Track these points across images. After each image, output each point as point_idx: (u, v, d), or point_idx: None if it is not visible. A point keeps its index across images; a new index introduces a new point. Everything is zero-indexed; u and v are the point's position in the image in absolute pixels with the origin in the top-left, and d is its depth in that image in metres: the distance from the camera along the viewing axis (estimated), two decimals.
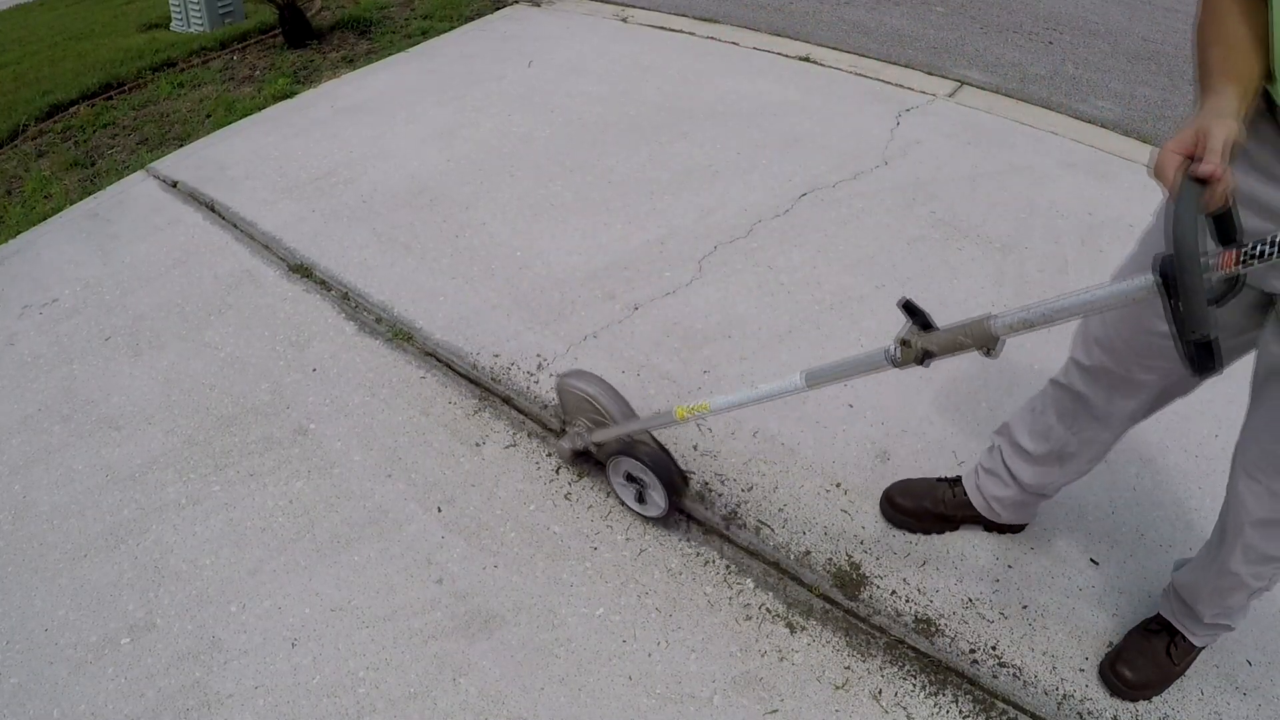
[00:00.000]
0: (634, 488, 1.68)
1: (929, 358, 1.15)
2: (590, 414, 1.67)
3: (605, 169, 2.92)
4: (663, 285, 2.39)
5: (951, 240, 2.57)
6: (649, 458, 1.59)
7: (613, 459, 1.67)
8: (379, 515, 1.77)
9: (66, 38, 4.89)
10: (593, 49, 3.90)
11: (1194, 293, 0.83)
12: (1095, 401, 1.35)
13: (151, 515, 1.80)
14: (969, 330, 1.09)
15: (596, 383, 1.65)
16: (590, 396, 1.64)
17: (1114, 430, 1.39)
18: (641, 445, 1.62)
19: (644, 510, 1.72)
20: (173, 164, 3.09)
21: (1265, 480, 1.16)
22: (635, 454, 1.59)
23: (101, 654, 1.55)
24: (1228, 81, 0.92)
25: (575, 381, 1.67)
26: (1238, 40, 0.94)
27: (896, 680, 1.49)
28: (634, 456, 1.60)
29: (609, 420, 1.64)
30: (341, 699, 1.46)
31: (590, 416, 1.68)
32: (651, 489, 1.64)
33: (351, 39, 4.24)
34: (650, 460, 1.58)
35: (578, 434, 1.72)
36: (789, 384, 1.33)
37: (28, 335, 2.32)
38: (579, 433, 1.71)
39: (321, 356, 2.18)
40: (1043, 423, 1.45)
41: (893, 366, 1.19)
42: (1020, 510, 1.63)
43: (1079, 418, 1.39)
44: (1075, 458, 1.44)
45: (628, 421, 1.62)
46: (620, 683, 1.48)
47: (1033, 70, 3.87)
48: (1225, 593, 1.31)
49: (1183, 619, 1.43)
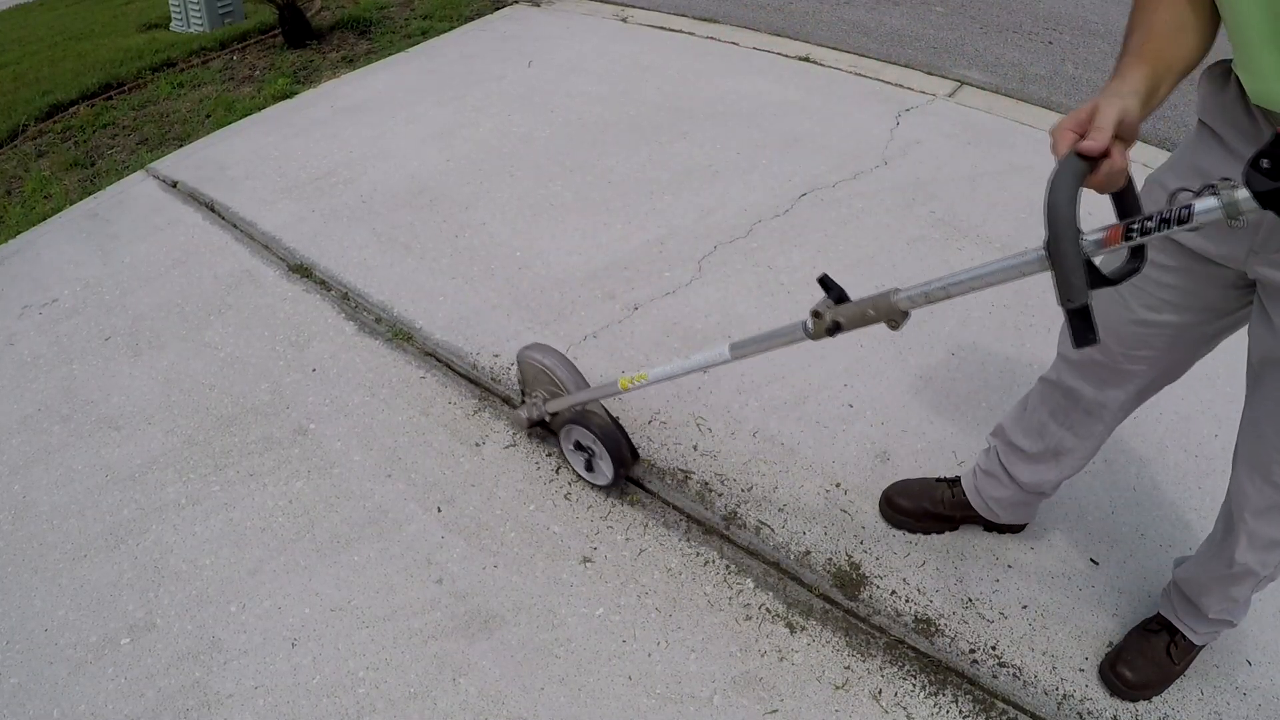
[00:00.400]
0: (583, 456, 1.75)
1: (838, 329, 1.22)
2: (547, 385, 1.75)
3: (605, 169, 2.92)
4: (662, 285, 2.39)
5: (951, 240, 2.57)
6: (599, 428, 1.66)
7: (564, 427, 1.74)
8: (379, 515, 1.77)
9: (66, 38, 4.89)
10: (593, 49, 3.90)
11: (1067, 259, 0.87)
12: (1085, 395, 1.35)
13: (151, 515, 1.80)
14: (875, 304, 1.16)
15: (553, 355, 1.73)
16: (547, 368, 1.72)
17: (1107, 422, 1.39)
18: (593, 416, 1.69)
19: (592, 478, 1.78)
20: (173, 164, 3.09)
21: (1263, 470, 1.16)
22: (586, 424, 1.67)
23: (101, 654, 1.55)
24: (1138, 63, 0.93)
25: (534, 354, 1.74)
26: (1159, 25, 0.95)
27: (896, 680, 1.49)
28: (584, 426, 1.67)
29: (563, 391, 1.71)
30: (341, 699, 1.46)
31: (547, 387, 1.76)
32: (599, 458, 1.71)
33: (351, 39, 4.24)
34: (599, 430, 1.66)
35: (534, 404, 1.79)
36: (716, 354, 1.41)
37: (27, 335, 2.31)
38: (535, 403, 1.79)
39: (321, 356, 2.18)
40: (1035, 420, 1.45)
41: (807, 338, 1.26)
42: (1019, 510, 1.63)
43: (1071, 413, 1.39)
44: (1071, 453, 1.44)
45: (579, 392, 1.68)
46: (620, 683, 1.48)
47: (1033, 70, 3.87)
48: (1232, 583, 1.31)
49: (1185, 617, 1.43)
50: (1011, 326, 2.28)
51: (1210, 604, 1.36)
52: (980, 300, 2.35)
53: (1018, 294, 2.39)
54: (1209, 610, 1.37)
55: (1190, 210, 0.85)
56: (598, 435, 1.66)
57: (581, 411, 1.69)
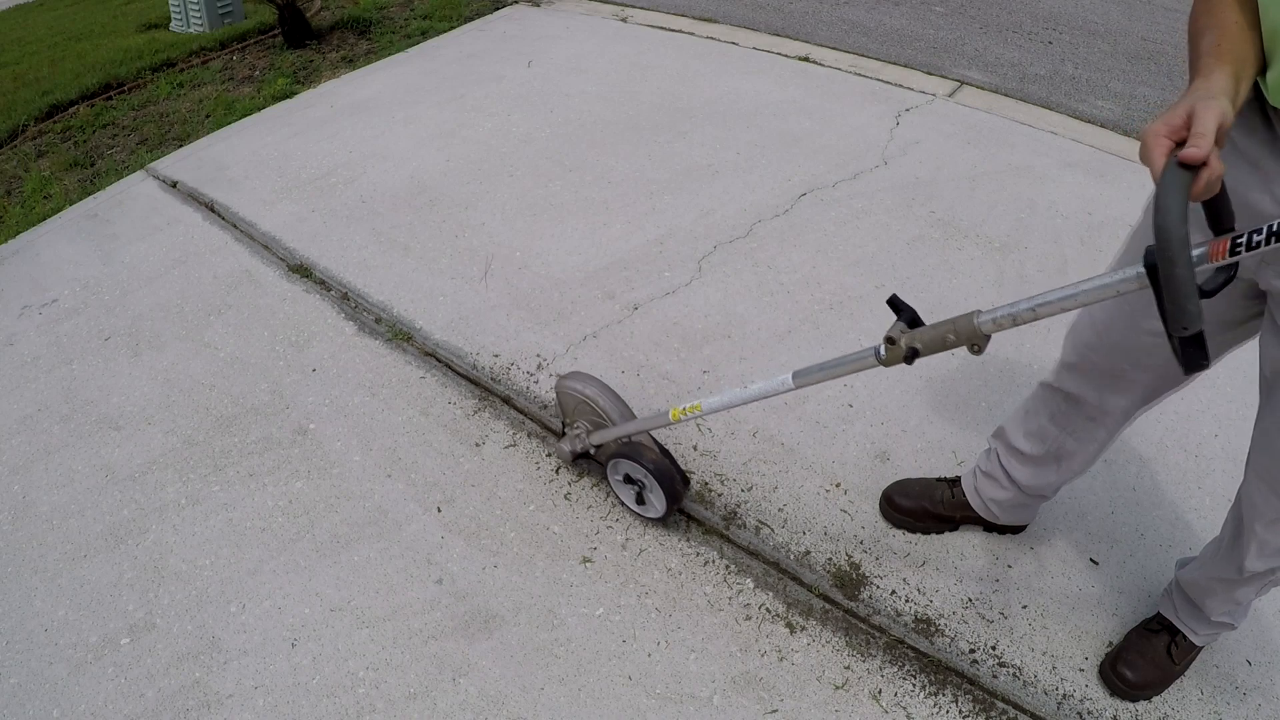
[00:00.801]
0: (633, 489, 1.69)
1: (915, 355, 1.13)
2: (589, 416, 1.68)
3: (604, 169, 2.92)
4: (662, 285, 2.39)
5: (951, 240, 2.57)
6: (651, 462, 1.58)
7: (612, 460, 1.66)
8: (379, 515, 1.77)
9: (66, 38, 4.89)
10: (592, 49, 3.90)
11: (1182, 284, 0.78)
12: (1088, 401, 1.34)
13: (151, 515, 1.80)
14: (956, 327, 1.08)
15: (595, 384, 1.66)
16: (589, 399, 1.65)
17: (1109, 428, 1.39)
18: (644, 449, 1.61)
19: (643, 511, 1.72)
20: (172, 164, 3.09)
21: (1273, 483, 1.15)
22: (636, 457, 1.59)
23: (101, 654, 1.55)
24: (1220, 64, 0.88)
25: (574, 384, 1.67)
26: (1231, 25, 0.91)
27: (896, 680, 1.49)
28: (634, 460, 1.59)
29: (608, 422, 1.64)
30: (341, 699, 1.46)
31: (589, 418, 1.69)
32: (650, 491, 1.64)
33: (351, 39, 4.24)
34: (652, 465, 1.58)
35: (577, 436, 1.71)
36: (778, 383, 1.33)
37: (27, 335, 2.31)
38: (579, 435, 1.71)
39: (321, 356, 2.17)
40: (1036, 424, 1.45)
41: (880, 365, 1.18)
42: (1019, 512, 1.63)
43: (1072, 418, 1.39)
44: (1072, 457, 1.44)
45: (625, 423, 1.62)
46: (620, 683, 1.48)
47: (1032, 70, 3.87)
48: (1238, 587, 1.31)
49: (1186, 618, 1.43)
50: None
51: (1214, 607, 1.36)
52: (981, 300, 2.35)
53: (1018, 293, 2.39)
54: (1212, 613, 1.37)
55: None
56: (649, 470, 1.57)
57: (631, 443, 1.61)
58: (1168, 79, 4.00)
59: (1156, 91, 3.84)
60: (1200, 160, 0.78)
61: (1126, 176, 3.05)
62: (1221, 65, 0.88)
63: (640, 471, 1.60)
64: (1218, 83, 0.85)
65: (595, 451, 1.73)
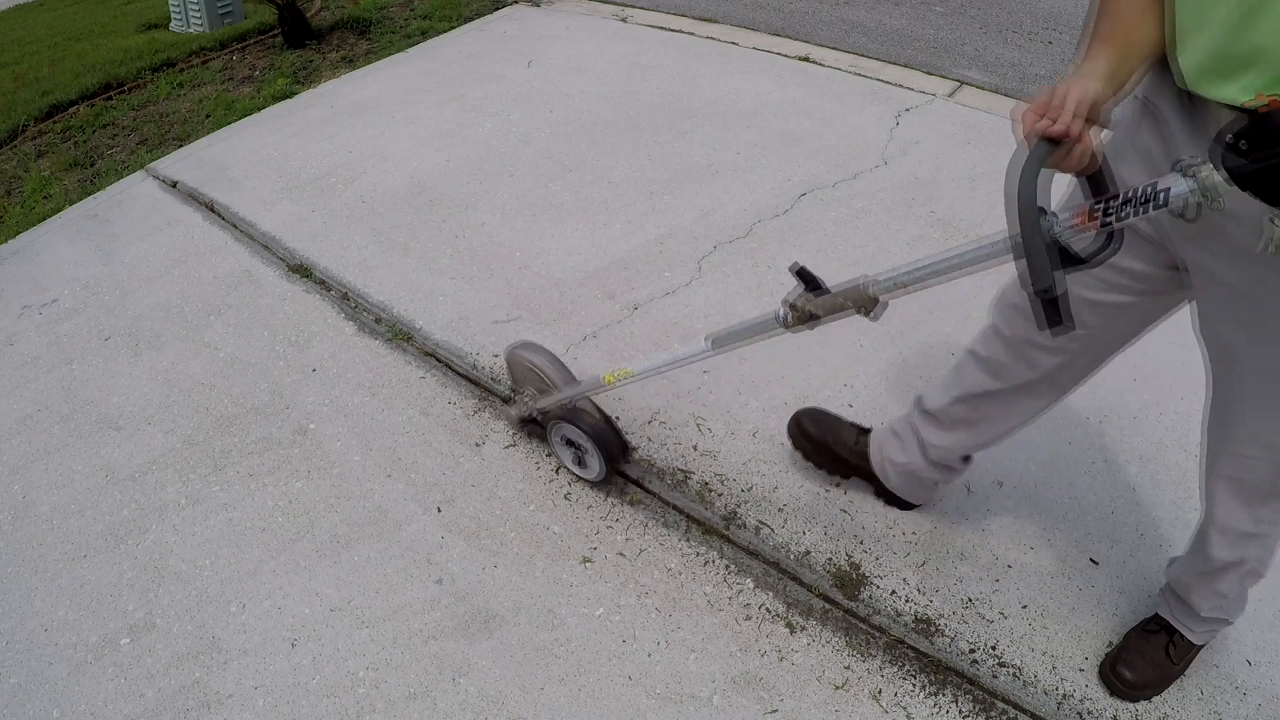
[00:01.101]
0: (572, 451, 1.77)
1: (814, 319, 1.22)
2: (536, 383, 1.78)
3: (604, 169, 2.92)
4: (662, 285, 2.39)
5: (951, 240, 2.57)
6: (589, 426, 1.67)
7: (553, 424, 1.75)
8: (379, 515, 1.77)
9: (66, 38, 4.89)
10: (592, 49, 3.90)
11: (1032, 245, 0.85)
12: (1012, 371, 1.34)
13: (151, 515, 1.80)
14: (849, 293, 1.17)
15: (543, 353, 1.76)
16: (536, 366, 1.74)
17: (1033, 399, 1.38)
18: (584, 414, 1.70)
19: (583, 474, 1.79)
20: (172, 164, 3.09)
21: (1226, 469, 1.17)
22: (575, 420, 1.69)
23: (101, 654, 1.55)
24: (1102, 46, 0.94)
25: (523, 352, 1.77)
26: (1123, 10, 0.95)
27: (896, 680, 1.49)
28: (573, 423, 1.69)
29: (552, 388, 1.74)
30: (341, 699, 1.46)
31: (536, 385, 1.78)
32: (589, 454, 1.72)
33: (351, 39, 4.24)
34: (589, 428, 1.67)
35: (525, 402, 1.81)
36: (697, 348, 1.43)
37: (27, 335, 2.31)
38: (526, 400, 1.81)
39: (321, 356, 2.17)
40: (956, 390, 1.44)
41: (784, 329, 1.26)
42: (912, 484, 1.63)
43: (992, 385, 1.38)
44: (986, 423, 1.44)
45: (567, 388, 1.71)
46: (620, 683, 1.48)
47: (1033, 70, 3.87)
48: (1214, 579, 1.32)
49: (1181, 616, 1.43)
50: None
51: (1200, 602, 1.37)
52: (980, 300, 2.34)
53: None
54: (1200, 609, 1.37)
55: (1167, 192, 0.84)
56: (586, 431, 1.67)
57: (572, 408, 1.71)
58: None
59: None
60: (1057, 134, 0.86)
61: None
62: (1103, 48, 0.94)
63: (578, 434, 1.69)
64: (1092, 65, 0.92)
65: (541, 416, 1.81)
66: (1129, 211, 0.87)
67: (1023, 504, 1.80)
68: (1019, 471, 1.87)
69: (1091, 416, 2.02)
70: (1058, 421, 2.00)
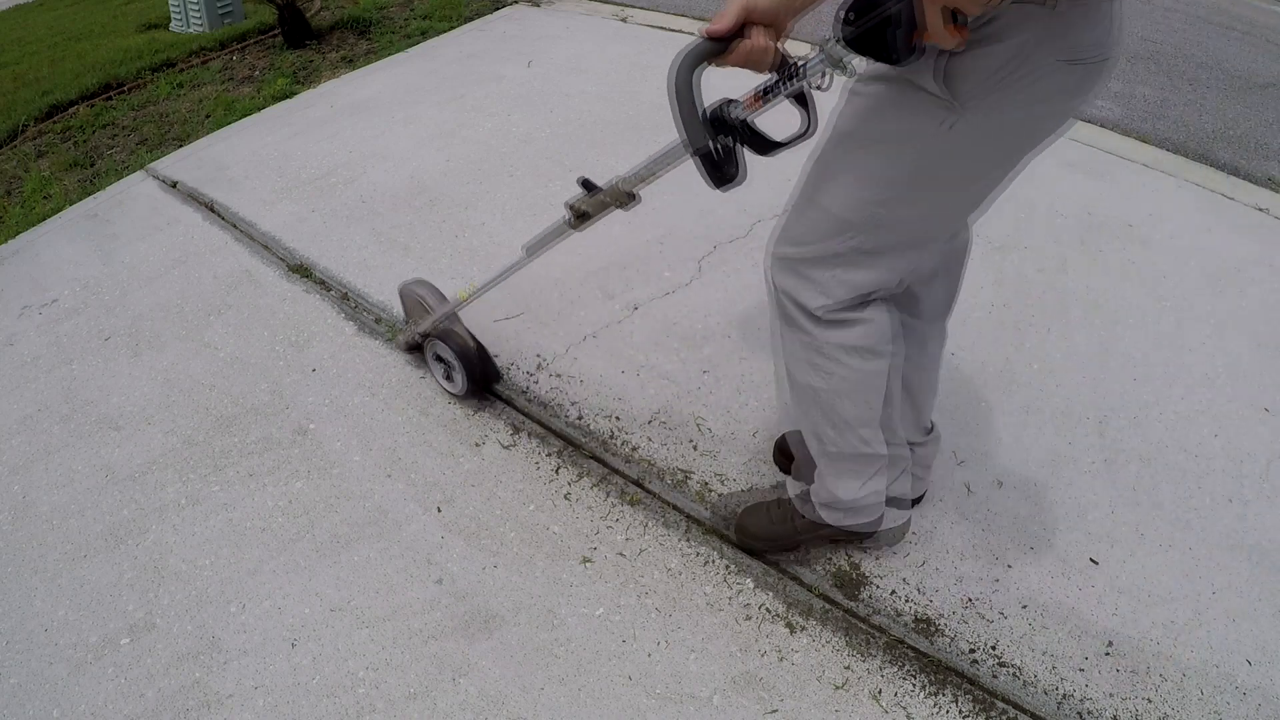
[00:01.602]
0: (442, 367, 2.00)
1: (585, 217, 1.50)
2: (421, 313, 2.00)
3: (605, 169, 2.91)
4: (662, 285, 2.39)
5: None
6: (456, 345, 1.90)
7: (428, 341, 1.99)
8: (379, 515, 1.77)
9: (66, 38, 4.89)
10: (592, 49, 3.90)
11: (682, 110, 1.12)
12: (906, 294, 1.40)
13: (151, 515, 1.80)
14: (609, 191, 1.49)
15: (426, 286, 2.00)
16: (421, 297, 1.97)
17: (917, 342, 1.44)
18: (454, 335, 1.92)
19: (450, 388, 2.02)
20: (172, 164, 3.09)
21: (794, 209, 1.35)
22: (445, 339, 1.92)
23: (101, 654, 1.55)
24: None
25: (412, 286, 2.01)
26: None
27: (896, 680, 1.49)
28: (444, 341, 1.92)
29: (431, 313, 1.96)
30: (341, 699, 1.46)
31: (421, 315, 2.00)
32: (456, 371, 1.95)
33: (351, 39, 4.24)
34: (456, 347, 1.90)
35: (410, 330, 2.04)
36: (515, 260, 1.71)
37: (27, 335, 2.31)
38: (411, 329, 2.03)
39: (321, 356, 2.17)
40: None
41: (571, 229, 1.53)
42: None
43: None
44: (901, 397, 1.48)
45: (438, 310, 1.93)
46: (620, 683, 1.48)
47: None
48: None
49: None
50: (1011, 326, 2.28)
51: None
52: (980, 300, 2.35)
53: (1017, 293, 2.39)
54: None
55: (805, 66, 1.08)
56: (452, 348, 1.90)
57: (445, 330, 1.92)
58: (1168, 79, 4.00)
59: (1156, 91, 3.84)
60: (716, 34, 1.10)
61: (1126, 176, 3.05)
62: None
63: (446, 351, 1.93)
64: None
65: (423, 340, 2.02)
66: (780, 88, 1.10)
67: (1023, 504, 1.80)
68: (1019, 471, 1.87)
69: (1091, 416, 2.02)
70: (1058, 421, 2.00)
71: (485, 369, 1.96)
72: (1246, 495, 1.84)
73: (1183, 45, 4.57)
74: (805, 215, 1.31)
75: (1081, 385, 2.11)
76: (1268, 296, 2.47)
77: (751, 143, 1.16)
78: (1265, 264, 2.62)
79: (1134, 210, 2.82)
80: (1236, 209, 2.94)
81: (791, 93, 1.10)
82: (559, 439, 1.94)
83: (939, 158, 1.12)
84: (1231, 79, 4.15)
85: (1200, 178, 3.11)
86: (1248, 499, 1.84)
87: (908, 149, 1.13)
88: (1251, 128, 3.64)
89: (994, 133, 1.09)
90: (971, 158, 1.13)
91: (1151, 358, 2.20)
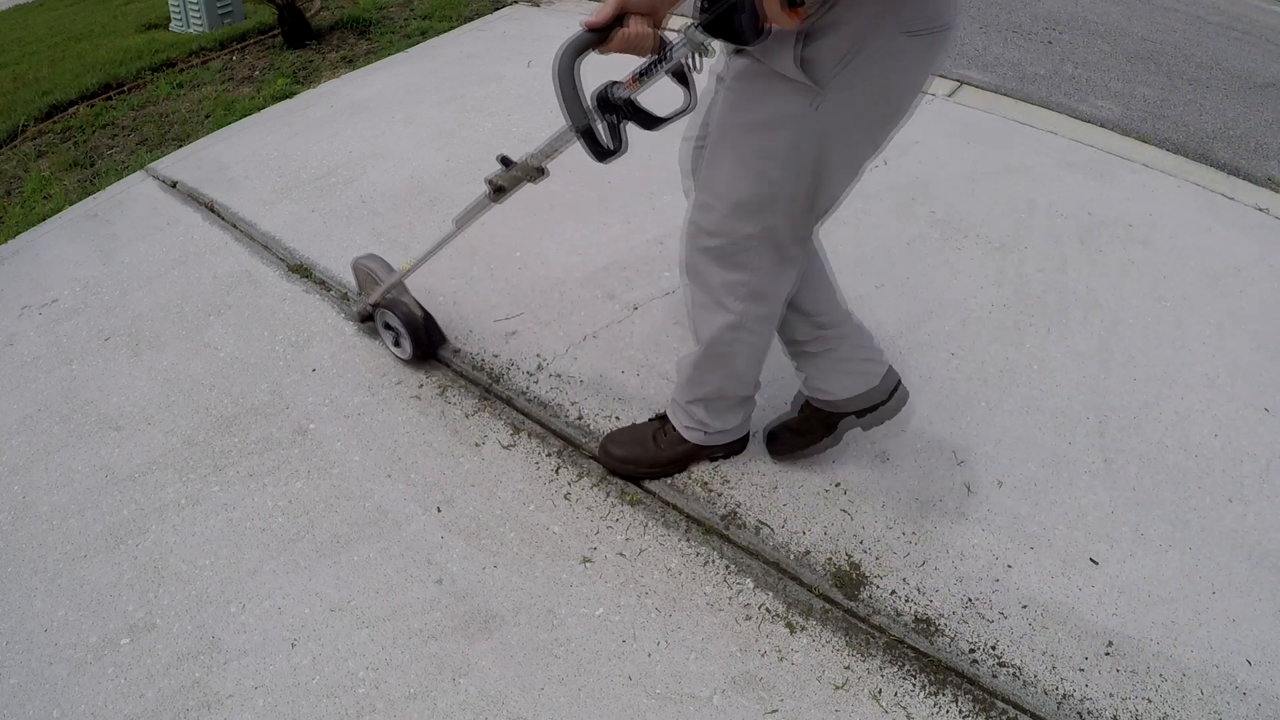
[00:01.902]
0: (391, 334, 2.10)
1: (500, 191, 1.63)
2: (372, 285, 2.08)
3: (604, 168, 2.91)
4: (662, 285, 2.39)
5: (951, 240, 2.57)
6: (403, 313, 2.00)
7: (378, 310, 2.09)
8: (379, 515, 1.77)
9: (66, 38, 4.89)
10: None
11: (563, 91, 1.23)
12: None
13: (151, 516, 1.80)
14: (522, 166, 1.62)
15: (376, 260, 2.09)
16: (372, 270, 2.05)
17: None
18: (401, 304, 2.01)
19: (398, 353, 2.12)
20: (172, 164, 3.08)
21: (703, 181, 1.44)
22: (393, 308, 2.02)
23: (101, 654, 1.55)
24: None
25: (363, 260, 2.09)
26: None
27: (896, 680, 1.49)
28: (391, 310, 2.02)
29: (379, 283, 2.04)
30: (341, 699, 1.46)
31: (373, 287, 2.08)
32: (403, 337, 2.04)
33: (351, 39, 4.24)
34: (403, 314, 2.00)
35: (362, 300, 2.13)
36: (446, 231, 1.85)
37: (27, 336, 2.31)
38: (364, 299, 2.12)
39: (321, 356, 2.17)
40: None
41: (491, 202, 1.67)
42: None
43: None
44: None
45: (385, 280, 2.01)
46: (620, 683, 1.48)
47: (1032, 70, 3.87)
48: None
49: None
50: (1011, 326, 2.28)
51: None
52: (980, 300, 2.35)
53: (1017, 293, 2.39)
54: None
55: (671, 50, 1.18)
56: (399, 316, 2.00)
57: (392, 300, 2.02)
58: (1167, 79, 4.01)
59: (1156, 91, 3.85)
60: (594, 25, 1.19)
61: (1126, 176, 3.05)
62: None
63: (394, 319, 2.02)
64: None
65: (374, 310, 2.11)
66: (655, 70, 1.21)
67: (1023, 504, 1.80)
68: (1019, 471, 1.87)
69: (1091, 416, 2.02)
70: (1058, 421, 2.00)
71: (431, 335, 2.07)
72: (1246, 495, 1.85)
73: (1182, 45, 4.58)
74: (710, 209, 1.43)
75: (1081, 385, 2.11)
76: (1268, 296, 2.48)
77: (636, 118, 1.30)
78: (1265, 264, 2.63)
79: (1134, 210, 2.83)
80: (1236, 209, 2.95)
81: (670, 70, 1.22)
82: (559, 439, 1.94)
83: (814, 136, 1.24)
84: (1231, 79, 4.15)
85: (1200, 178, 3.11)
86: (1248, 499, 1.84)
87: (784, 133, 1.24)
88: (1251, 128, 3.64)
89: (859, 107, 1.22)
90: (842, 134, 1.26)
91: (1151, 358, 2.20)
